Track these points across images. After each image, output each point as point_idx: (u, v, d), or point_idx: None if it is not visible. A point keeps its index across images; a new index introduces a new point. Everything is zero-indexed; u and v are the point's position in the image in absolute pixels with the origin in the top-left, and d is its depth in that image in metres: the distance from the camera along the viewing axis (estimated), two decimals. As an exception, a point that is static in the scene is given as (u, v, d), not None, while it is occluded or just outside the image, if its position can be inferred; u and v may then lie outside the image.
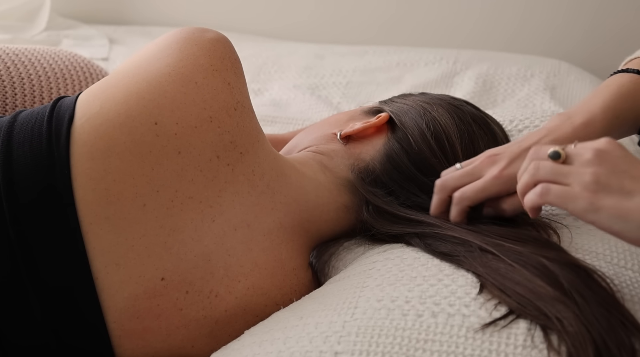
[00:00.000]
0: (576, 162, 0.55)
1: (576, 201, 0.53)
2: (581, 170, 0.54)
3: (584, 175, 0.53)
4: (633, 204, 0.51)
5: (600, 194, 0.52)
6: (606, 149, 0.54)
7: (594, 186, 0.52)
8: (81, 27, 1.77)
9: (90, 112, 0.62)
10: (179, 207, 0.63)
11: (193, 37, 0.68)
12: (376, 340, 0.54)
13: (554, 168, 0.55)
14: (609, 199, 0.52)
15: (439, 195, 0.68)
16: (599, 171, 0.53)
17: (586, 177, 0.53)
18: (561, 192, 0.54)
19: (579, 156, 0.55)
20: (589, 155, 0.54)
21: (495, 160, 0.66)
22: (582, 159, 0.55)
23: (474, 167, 0.66)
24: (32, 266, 0.59)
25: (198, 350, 0.65)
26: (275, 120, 1.25)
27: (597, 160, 0.54)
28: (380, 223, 0.72)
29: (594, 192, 0.52)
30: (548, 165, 0.56)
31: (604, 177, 0.53)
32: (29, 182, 0.60)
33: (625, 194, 0.51)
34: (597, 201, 0.52)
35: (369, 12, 1.66)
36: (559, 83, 1.29)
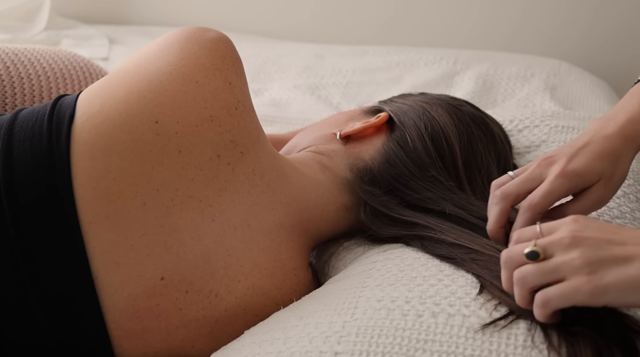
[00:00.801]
0: (557, 252, 0.50)
1: (580, 292, 0.48)
2: (567, 258, 0.49)
3: (573, 263, 0.49)
4: (635, 270, 0.47)
5: (598, 274, 0.48)
6: (578, 227, 0.51)
7: (588, 269, 0.48)
8: (81, 27, 1.76)
9: (91, 110, 0.62)
10: (179, 206, 0.63)
11: (194, 37, 0.68)
12: (376, 340, 0.54)
13: (539, 270, 0.50)
14: (610, 275, 0.48)
15: (501, 205, 0.62)
16: (585, 252, 0.49)
17: (576, 262, 0.49)
18: (561, 292, 0.49)
19: (557, 244, 0.50)
20: (567, 239, 0.50)
21: (553, 161, 0.61)
22: (561, 246, 0.50)
23: (531, 171, 0.61)
24: (31, 265, 0.59)
25: (198, 350, 0.65)
26: (275, 120, 1.25)
27: (576, 241, 0.50)
28: (377, 225, 0.72)
29: (591, 274, 0.48)
30: (532, 269, 0.50)
31: (593, 255, 0.49)
32: (29, 181, 0.60)
33: (623, 263, 0.48)
34: (600, 281, 0.48)
35: (369, 12, 1.66)
36: (559, 83, 1.29)
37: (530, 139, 0.90)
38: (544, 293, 0.50)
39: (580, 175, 0.60)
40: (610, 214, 0.71)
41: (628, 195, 0.76)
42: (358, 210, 0.75)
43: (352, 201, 0.75)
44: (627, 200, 0.75)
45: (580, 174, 0.60)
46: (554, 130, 0.91)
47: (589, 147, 0.62)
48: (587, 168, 0.61)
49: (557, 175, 0.60)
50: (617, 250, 0.48)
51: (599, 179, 0.61)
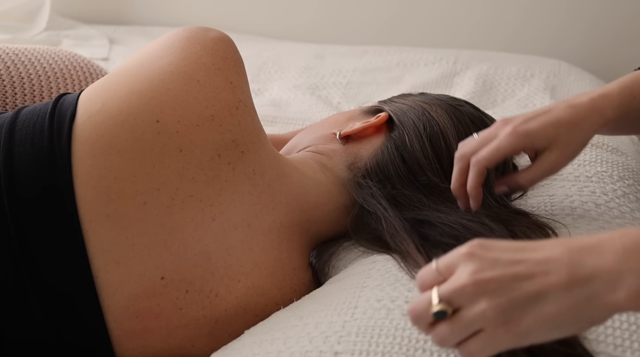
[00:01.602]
0: (464, 303, 0.46)
1: (501, 341, 0.45)
2: (477, 310, 0.45)
3: (485, 314, 0.45)
4: (552, 307, 0.44)
5: (515, 320, 0.44)
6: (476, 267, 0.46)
7: (502, 317, 0.44)
8: (81, 27, 1.77)
9: (92, 109, 0.62)
10: (180, 205, 0.63)
11: (196, 36, 0.68)
12: (376, 340, 0.54)
13: (453, 330, 0.46)
14: (526, 318, 0.44)
15: (459, 164, 0.67)
16: (492, 300, 0.45)
17: (488, 314, 0.45)
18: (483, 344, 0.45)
19: (461, 294, 0.46)
20: (469, 287, 0.45)
21: (509, 121, 0.64)
22: (466, 296, 0.46)
23: (488, 131, 0.66)
24: (32, 264, 0.59)
25: (198, 350, 0.65)
26: (275, 120, 1.25)
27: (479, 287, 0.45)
28: (357, 233, 0.73)
29: (507, 323, 0.44)
30: (446, 330, 0.46)
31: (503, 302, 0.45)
32: (30, 180, 0.60)
33: (536, 301, 0.44)
34: (518, 327, 0.44)
35: (369, 12, 1.66)
36: (559, 83, 1.30)
37: (530, 139, 0.90)
38: (467, 349, 0.46)
39: (529, 135, 0.62)
40: (610, 214, 0.71)
41: (628, 195, 0.76)
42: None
43: (352, 201, 0.75)
44: (627, 200, 0.75)
45: (530, 135, 0.62)
46: (554, 130, 0.90)
47: (549, 114, 0.64)
48: (538, 130, 0.63)
49: (508, 133, 0.63)
50: (525, 286, 0.44)
51: (549, 144, 0.63)
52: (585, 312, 0.44)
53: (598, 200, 0.74)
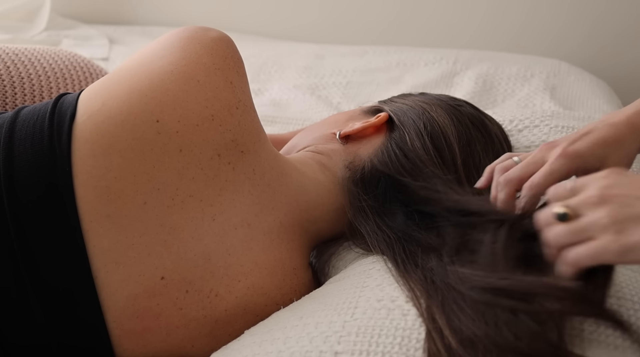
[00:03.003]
0: (586, 211, 0.51)
1: (608, 251, 0.48)
2: (595, 217, 0.49)
3: (601, 221, 0.49)
4: None
5: (625, 232, 0.48)
6: (609, 183, 0.51)
7: (615, 227, 0.48)
8: (81, 27, 1.77)
9: (92, 109, 0.62)
10: (180, 205, 0.63)
11: (196, 36, 0.68)
12: (376, 340, 0.54)
13: (569, 230, 0.51)
14: (636, 233, 0.47)
15: (506, 190, 0.62)
16: (612, 210, 0.49)
17: (603, 221, 0.49)
18: (589, 252, 0.49)
19: (586, 203, 0.51)
20: (595, 198, 0.50)
21: (555, 144, 0.62)
22: (590, 205, 0.50)
23: (534, 156, 0.62)
24: (32, 264, 0.59)
25: (198, 350, 0.65)
26: (275, 120, 1.25)
27: (604, 199, 0.50)
28: (354, 236, 0.73)
29: (618, 232, 0.48)
30: (562, 230, 0.51)
31: (620, 213, 0.48)
32: (29, 180, 0.60)
33: None
34: (626, 239, 0.47)
35: (369, 12, 1.66)
36: (559, 83, 1.30)
37: (530, 139, 0.90)
38: (575, 252, 0.50)
39: (581, 156, 0.61)
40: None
41: (628, 195, 0.76)
42: None
43: (352, 201, 0.75)
44: None
45: (581, 155, 0.61)
46: (553, 130, 0.91)
47: (592, 134, 0.62)
48: (587, 150, 0.61)
49: (558, 156, 0.61)
50: None
51: (600, 165, 0.61)
52: None
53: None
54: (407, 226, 0.69)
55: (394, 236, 0.68)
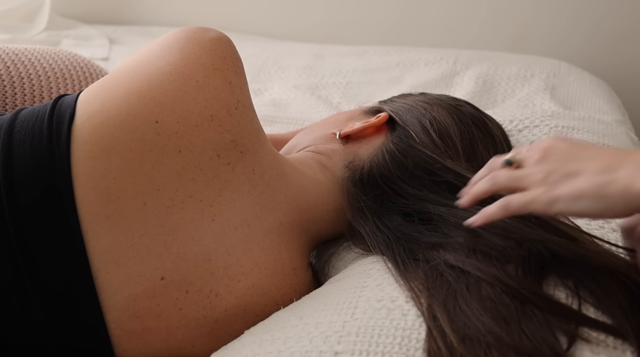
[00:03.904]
0: (528, 165, 0.58)
1: (536, 201, 0.55)
2: (533, 170, 0.56)
3: (536, 175, 0.56)
4: (582, 182, 0.53)
5: (554, 185, 0.54)
6: (551, 144, 0.58)
7: (547, 180, 0.55)
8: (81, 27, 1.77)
9: (91, 110, 0.62)
10: (179, 206, 0.63)
11: (195, 36, 0.68)
12: (376, 340, 0.54)
13: (509, 175, 0.58)
14: (563, 187, 0.54)
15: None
16: (548, 166, 0.56)
17: (538, 175, 0.56)
18: (521, 199, 0.56)
19: (529, 159, 0.58)
20: (537, 155, 0.57)
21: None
22: (532, 161, 0.57)
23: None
24: (32, 265, 0.59)
25: (198, 350, 0.65)
26: (275, 120, 1.25)
27: (545, 157, 0.57)
28: (353, 237, 0.73)
29: (548, 185, 0.55)
30: (503, 173, 0.58)
31: (553, 170, 0.55)
32: (29, 181, 0.60)
33: (574, 176, 0.54)
34: (553, 191, 0.54)
35: (369, 12, 1.66)
36: (559, 83, 1.29)
37: (530, 139, 0.90)
38: (507, 198, 0.56)
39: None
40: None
41: (628, 195, 0.76)
42: None
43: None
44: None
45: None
46: (554, 130, 0.91)
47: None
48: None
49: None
50: (574, 165, 0.54)
51: None
52: (605, 191, 0.51)
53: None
54: (406, 226, 0.69)
55: (394, 236, 0.68)
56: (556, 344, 0.51)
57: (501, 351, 0.50)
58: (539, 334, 0.51)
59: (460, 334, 0.52)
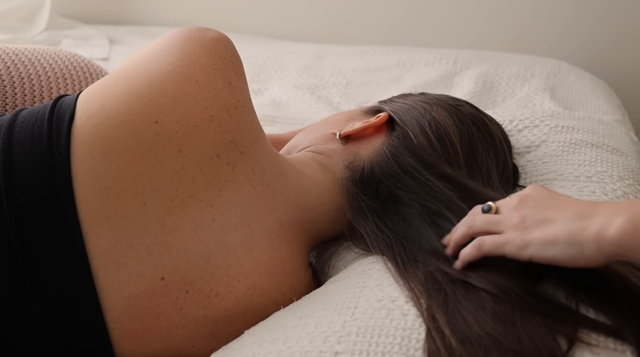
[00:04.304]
0: (504, 210, 0.60)
1: (509, 243, 0.57)
2: (509, 215, 0.59)
3: (511, 220, 0.58)
4: (556, 228, 0.54)
5: (527, 230, 0.56)
6: (529, 193, 0.60)
7: (521, 225, 0.57)
8: (81, 27, 1.77)
9: (91, 110, 0.62)
10: (179, 206, 0.63)
11: (194, 37, 0.68)
12: (376, 340, 0.54)
13: (486, 219, 0.60)
14: (536, 232, 0.56)
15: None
16: (524, 212, 0.58)
17: (513, 220, 0.58)
18: (495, 240, 0.58)
19: (507, 205, 0.60)
20: (515, 201, 0.60)
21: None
22: (509, 207, 0.60)
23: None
24: (32, 266, 0.59)
25: (198, 350, 0.65)
26: (275, 120, 1.25)
27: (522, 203, 0.59)
28: (353, 237, 0.73)
29: (522, 230, 0.56)
30: (481, 218, 0.61)
31: (529, 216, 0.57)
32: (29, 181, 0.60)
33: (548, 223, 0.55)
34: (526, 236, 0.56)
35: (370, 12, 1.66)
36: (559, 83, 1.29)
37: (530, 139, 0.90)
38: (482, 239, 0.59)
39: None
40: (610, 214, 0.71)
41: (628, 195, 0.76)
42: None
43: (352, 201, 0.75)
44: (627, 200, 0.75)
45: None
46: (553, 130, 0.91)
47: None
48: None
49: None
50: (548, 212, 0.56)
51: None
52: (578, 238, 0.53)
53: (598, 200, 0.74)
54: (407, 226, 0.69)
55: (394, 236, 0.68)
56: (556, 347, 0.51)
57: (500, 354, 0.50)
58: (539, 337, 0.51)
59: (459, 336, 0.52)
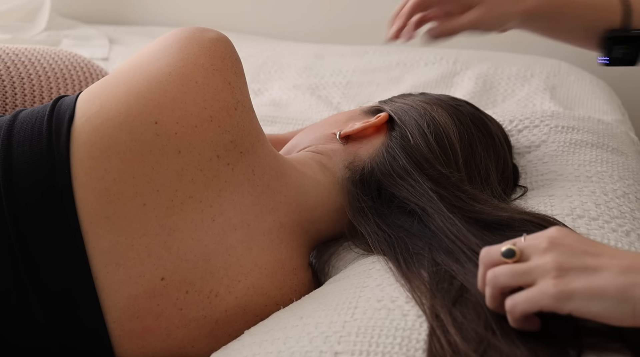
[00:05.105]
0: (533, 255, 0.50)
1: (545, 295, 0.47)
2: (540, 261, 0.49)
3: (545, 266, 0.49)
4: (603, 280, 0.47)
5: (567, 278, 0.47)
6: (558, 235, 0.51)
7: (558, 273, 0.48)
8: (81, 27, 1.77)
9: (91, 111, 0.62)
10: (179, 206, 0.63)
11: (194, 37, 0.68)
12: (376, 340, 0.54)
13: (512, 270, 0.50)
14: (577, 281, 0.47)
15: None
16: (558, 257, 0.49)
17: (547, 266, 0.48)
18: (529, 297, 0.48)
19: (534, 248, 0.51)
20: (544, 244, 0.50)
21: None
22: (538, 250, 0.50)
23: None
24: (32, 266, 0.59)
25: (198, 350, 0.65)
26: (275, 120, 1.25)
27: (553, 246, 0.50)
28: (354, 237, 0.73)
29: (560, 278, 0.48)
30: (505, 270, 0.50)
31: (565, 261, 0.49)
32: (28, 182, 0.60)
33: (592, 272, 0.48)
34: (566, 286, 0.47)
35: (369, 12, 1.66)
36: (559, 83, 1.29)
37: (530, 139, 0.90)
38: (513, 298, 0.49)
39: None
40: (610, 213, 0.71)
41: (628, 195, 0.76)
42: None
43: (352, 201, 0.75)
44: (627, 200, 0.75)
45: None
46: (554, 130, 0.91)
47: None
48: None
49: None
50: (589, 260, 0.48)
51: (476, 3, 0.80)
52: (631, 294, 0.46)
53: (598, 200, 0.74)
54: (407, 226, 0.69)
55: (395, 235, 0.68)
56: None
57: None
58: (549, 349, 0.51)
59: (464, 334, 0.52)
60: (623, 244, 0.66)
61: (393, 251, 0.67)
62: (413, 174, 0.72)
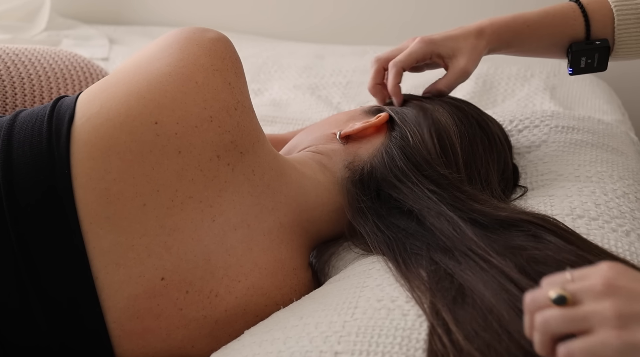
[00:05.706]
0: (587, 299, 0.45)
1: (607, 347, 0.42)
2: (597, 307, 0.44)
3: (604, 313, 0.43)
4: None
5: (631, 329, 0.42)
6: (613, 275, 0.45)
7: (620, 322, 0.43)
8: (81, 27, 1.77)
9: (91, 111, 0.62)
10: (179, 206, 0.63)
11: (194, 37, 0.68)
12: (376, 340, 0.54)
13: (565, 316, 0.45)
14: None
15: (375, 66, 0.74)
16: (618, 302, 0.43)
17: (607, 313, 0.43)
18: (589, 348, 0.43)
19: (588, 291, 0.45)
20: (599, 286, 0.45)
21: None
22: (593, 294, 0.45)
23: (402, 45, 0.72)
24: (32, 267, 0.59)
25: (198, 350, 0.65)
26: (275, 120, 1.25)
27: (610, 290, 0.44)
28: (353, 237, 0.73)
29: (622, 328, 0.42)
30: (557, 314, 0.45)
31: (627, 308, 0.43)
32: (28, 183, 0.60)
33: None
34: (631, 337, 0.42)
35: (370, 13, 1.66)
36: (559, 83, 1.29)
37: (530, 139, 0.90)
38: (568, 346, 0.44)
39: (434, 43, 0.83)
40: (610, 213, 0.71)
41: (628, 195, 0.76)
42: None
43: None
44: (627, 200, 0.75)
45: (433, 42, 0.83)
46: (553, 130, 0.91)
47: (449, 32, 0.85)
48: (440, 40, 0.83)
49: (416, 42, 0.83)
50: None
51: (453, 53, 0.84)
52: None
53: (598, 200, 0.74)
54: (407, 226, 0.69)
55: (394, 236, 0.68)
56: None
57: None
58: None
59: (466, 332, 0.52)
60: (623, 244, 0.66)
61: (392, 251, 0.67)
62: (410, 176, 0.72)
